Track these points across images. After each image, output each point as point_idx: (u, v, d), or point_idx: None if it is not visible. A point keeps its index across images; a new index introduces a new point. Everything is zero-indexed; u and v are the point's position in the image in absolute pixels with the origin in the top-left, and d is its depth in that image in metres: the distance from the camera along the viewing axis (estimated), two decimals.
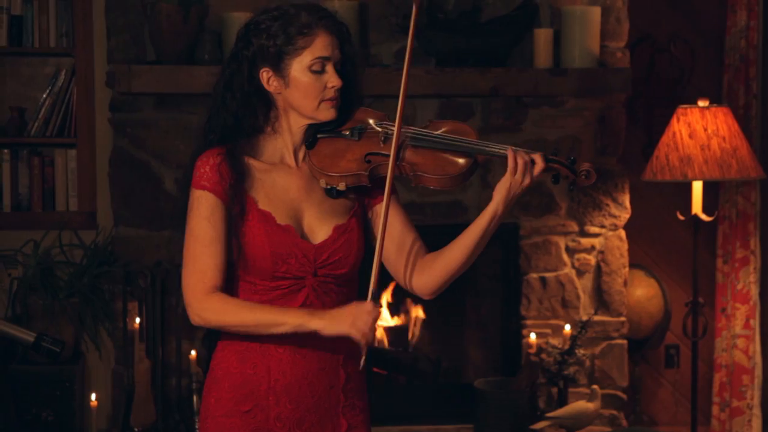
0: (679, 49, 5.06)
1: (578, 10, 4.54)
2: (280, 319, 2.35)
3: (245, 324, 2.36)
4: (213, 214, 2.38)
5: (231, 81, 2.45)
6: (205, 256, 2.37)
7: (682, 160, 4.51)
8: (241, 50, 2.44)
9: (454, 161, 2.43)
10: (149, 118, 4.42)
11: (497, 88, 4.47)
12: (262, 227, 2.40)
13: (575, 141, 4.66)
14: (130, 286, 4.38)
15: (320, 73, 2.41)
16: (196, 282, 2.36)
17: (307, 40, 2.40)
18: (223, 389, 2.45)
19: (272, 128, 2.47)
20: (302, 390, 2.45)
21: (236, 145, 2.44)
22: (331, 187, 2.45)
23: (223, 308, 2.36)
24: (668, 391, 5.11)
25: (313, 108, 2.43)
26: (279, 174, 2.46)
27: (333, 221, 2.46)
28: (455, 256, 2.45)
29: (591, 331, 4.70)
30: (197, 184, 2.40)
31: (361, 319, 2.30)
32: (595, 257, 4.72)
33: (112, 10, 4.41)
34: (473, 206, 4.62)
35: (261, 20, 2.43)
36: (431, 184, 2.44)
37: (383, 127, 2.46)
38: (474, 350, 4.91)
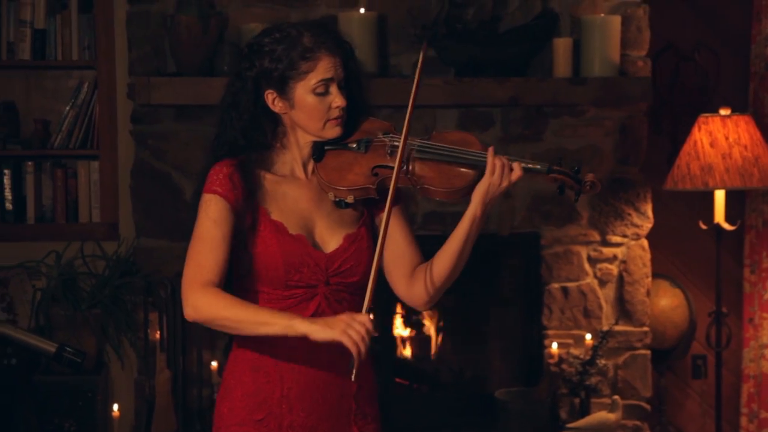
0: (704, 57, 5.03)
1: (598, 19, 4.52)
2: (270, 319, 2.35)
3: (236, 319, 2.35)
4: (220, 216, 2.41)
5: (236, 100, 2.49)
6: (206, 252, 2.39)
7: (703, 169, 4.48)
8: (245, 71, 2.48)
9: (460, 173, 2.44)
10: (170, 130, 4.45)
11: (516, 97, 4.46)
12: (274, 237, 2.43)
13: (595, 150, 4.64)
14: (151, 297, 4.41)
15: (324, 94, 2.45)
16: (193, 275, 2.38)
17: (310, 64, 2.43)
18: (236, 398, 2.48)
19: (281, 144, 2.52)
20: (315, 398, 2.47)
21: (248, 158, 2.48)
22: (340, 199, 2.48)
23: (217, 301, 2.35)
24: (696, 402, 5.07)
25: (319, 128, 2.47)
26: (289, 186, 2.50)
27: (343, 230, 2.50)
28: (443, 264, 2.49)
29: (614, 341, 4.67)
30: (209, 189, 2.44)
31: (353, 327, 2.30)
32: (618, 267, 4.70)
33: (132, 23, 4.45)
34: (494, 216, 4.61)
35: (265, 42, 2.46)
36: (437, 197, 2.47)
37: (390, 139, 2.47)
38: (496, 360, 4.89)
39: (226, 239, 2.41)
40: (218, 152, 2.49)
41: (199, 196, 2.46)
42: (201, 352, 4.45)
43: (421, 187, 2.45)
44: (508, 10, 4.57)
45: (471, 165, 2.45)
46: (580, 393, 4.57)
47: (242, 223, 2.43)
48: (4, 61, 4.57)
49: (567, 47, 4.52)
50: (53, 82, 4.66)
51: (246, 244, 2.43)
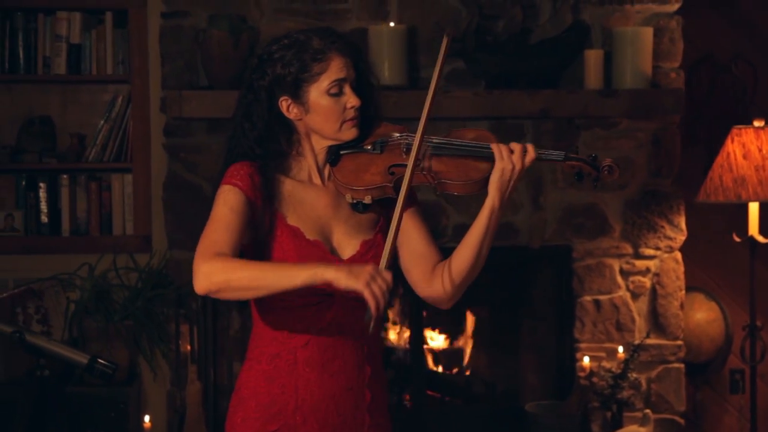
0: (740, 68, 4.99)
1: (630, 31, 4.50)
2: (292, 270, 2.28)
3: (254, 276, 2.26)
4: (237, 204, 2.37)
5: (249, 111, 2.48)
6: (220, 231, 2.34)
7: (735, 181, 4.44)
8: (257, 81, 2.48)
9: (476, 166, 2.44)
10: (202, 143, 4.49)
11: (547, 109, 4.45)
12: (291, 242, 2.43)
13: (628, 162, 4.61)
14: (182, 309, 4.44)
15: (338, 95, 2.44)
16: (204, 249, 2.32)
17: (322, 65, 2.43)
18: (251, 408, 2.48)
19: (297, 151, 2.51)
20: (329, 410, 2.46)
21: (266, 163, 2.47)
22: (357, 201, 2.47)
23: (230, 265, 2.28)
24: (734, 417, 5.00)
25: (335, 130, 2.47)
26: (307, 192, 2.49)
27: (360, 237, 2.49)
28: (463, 258, 2.45)
29: (647, 354, 4.63)
30: (228, 182, 2.41)
31: (377, 282, 2.24)
32: (651, 280, 4.66)
33: (165, 38, 4.50)
34: (525, 228, 4.60)
35: (274, 50, 2.46)
36: (455, 191, 2.45)
37: (405, 138, 2.48)
38: (529, 373, 4.87)
39: (242, 226, 2.36)
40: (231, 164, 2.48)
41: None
42: (232, 363, 4.47)
43: (439, 182, 2.44)
44: (539, 22, 4.56)
45: (487, 158, 2.44)
46: (611, 406, 4.53)
47: (259, 226, 2.42)
48: (40, 76, 4.64)
49: (598, 59, 4.50)
50: (88, 96, 4.72)
51: (263, 249, 2.42)
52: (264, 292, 2.29)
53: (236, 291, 2.29)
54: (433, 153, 2.45)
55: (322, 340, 2.45)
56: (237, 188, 2.40)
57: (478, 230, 2.44)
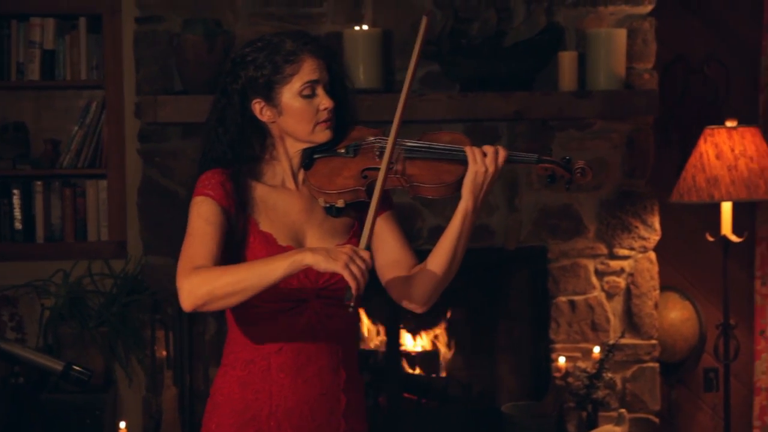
0: (713, 69, 5.02)
1: (603, 32, 4.52)
2: (272, 264, 2.27)
3: (237, 281, 2.25)
4: (212, 215, 2.38)
5: (223, 115, 2.48)
6: (197, 245, 2.35)
7: (708, 181, 4.47)
8: (229, 84, 2.48)
9: (449, 169, 2.44)
10: (177, 148, 4.48)
11: (521, 111, 4.46)
12: (263, 248, 2.42)
13: (602, 163, 4.64)
14: (158, 314, 4.43)
15: (311, 96, 2.44)
16: (184, 265, 2.33)
17: (294, 66, 2.43)
18: (225, 415, 2.48)
19: (270, 155, 2.50)
20: (304, 415, 2.46)
21: (238, 169, 2.47)
22: (330, 205, 2.47)
23: (209, 274, 2.29)
24: (708, 415, 5.04)
25: (308, 132, 2.46)
26: (280, 197, 2.49)
27: (334, 242, 2.48)
28: (438, 262, 2.44)
29: (621, 354, 4.66)
30: (200, 192, 2.42)
31: (355, 262, 2.23)
32: (625, 280, 4.69)
33: (140, 43, 4.48)
34: (500, 230, 4.61)
35: (247, 53, 2.47)
36: (428, 194, 2.46)
37: (378, 141, 2.48)
38: (505, 374, 4.89)
39: (219, 236, 2.37)
40: (205, 169, 2.48)
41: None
42: (208, 368, 4.47)
43: (411, 185, 2.44)
44: (513, 24, 4.58)
45: (460, 161, 2.44)
46: (587, 406, 4.56)
47: (233, 233, 2.42)
48: (14, 82, 4.62)
49: (572, 61, 4.52)
50: (62, 102, 4.70)
51: (236, 255, 2.42)
52: (250, 293, 2.28)
53: (222, 299, 2.29)
54: (405, 156, 2.45)
55: (296, 346, 2.45)
56: (210, 198, 2.40)
57: (452, 234, 2.43)
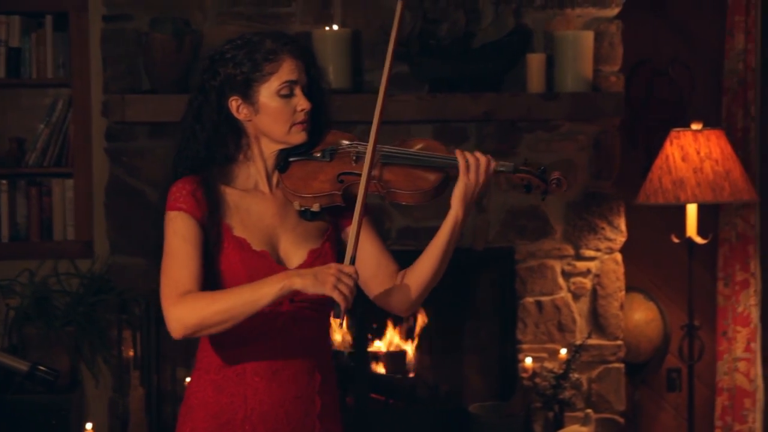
0: (678, 72, 5.06)
1: (571, 34, 4.55)
2: (260, 291, 2.29)
3: (226, 309, 2.29)
4: (189, 232, 2.38)
5: (200, 112, 2.46)
6: (179, 267, 2.36)
7: (674, 183, 4.51)
8: (207, 81, 2.46)
9: (426, 176, 2.45)
10: (144, 147, 4.46)
11: (490, 113, 4.48)
12: (237, 254, 2.41)
13: (570, 165, 4.67)
14: (125, 314, 4.41)
15: (289, 97, 2.43)
16: (169, 291, 2.34)
17: (273, 65, 2.42)
18: (199, 419, 2.46)
19: (244, 156, 2.49)
20: (279, 418, 2.45)
21: (210, 174, 2.45)
22: (305, 209, 2.46)
23: (198, 303, 2.31)
24: (670, 415, 5.08)
25: (284, 132, 2.45)
26: (253, 200, 2.48)
27: (308, 246, 2.48)
28: (425, 268, 2.47)
29: (587, 354, 4.69)
30: (173, 207, 2.40)
31: (343, 281, 2.26)
32: (591, 281, 4.72)
33: (107, 41, 4.46)
34: (468, 230, 4.63)
35: (226, 50, 2.45)
36: (404, 200, 2.47)
37: (355, 146, 2.48)
38: (471, 375, 4.91)
39: (198, 253, 2.38)
40: (179, 167, 2.47)
41: (162, 213, 2.44)
42: (175, 369, 4.45)
43: (388, 191, 2.45)
44: (482, 26, 4.59)
45: (437, 168, 2.46)
46: (553, 407, 4.58)
47: (208, 239, 2.42)
48: None
49: (540, 63, 4.55)
50: (28, 100, 4.67)
51: (210, 261, 2.41)
52: (240, 319, 2.31)
53: (212, 327, 2.32)
54: (383, 162, 2.45)
55: (271, 349, 2.44)
56: (183, 212, 2.39)
57: (441, 242, 2.45)
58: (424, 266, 2.47)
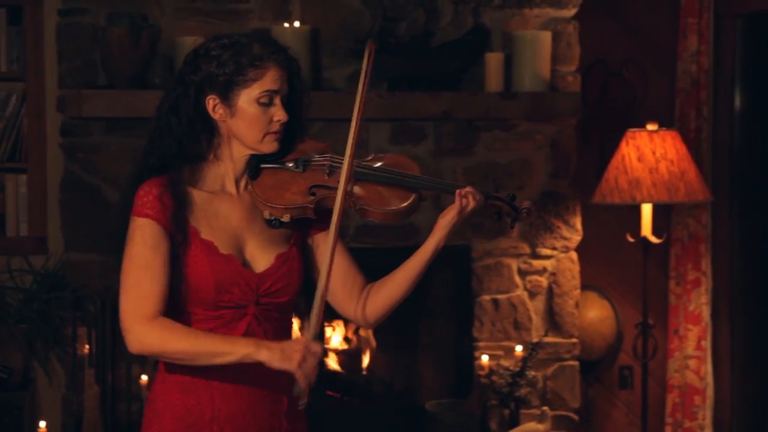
0: (631, 73, 5.11)
1: (529, 34, 4.58)
2: (226, 348, 2.33)
3: (189, 352, 2.33)
4: (157, 241, 2.37)
5: (177, 105, 2.44)
6: (147, 281, 2.35)
7: (630, 183, 4.56)
8: (188, 74, 2.44)
9: (399, 196, 2.46)
10: (100, 143, 4.41)
11: (448, 111, 4.50)
12: (205, 257, 2.40)
13: (526, 164, 4.69)
14: (80, 312, 4.36)
15: (268, 106, 2.42)
16: (136, 308, 2.34)
17: (257, 72, 2.40)
18: (166, 421, 2.44)
19: (215, 155, 2.47)
20: (246, 419, 2.45)
21: (178, 174, 2.44)
22: (275, 218, 2.45)
23: (168, 335, 2.33)
24: (622, 412, 5.14)
25: (256, 140, 2.44)
26: (220, 203, 2.46)
27: (275, 250, 2.47)
28: (400, 285, 2.51)
29: (543, 352, 4.72)
30: (140, 213, 2.38)
31: (309, 360, 2.31)
32: (547, 279, 4.75)
33: (63, 36, 4.40)
34: (426, 229, 4.61)
35: (212, 47, 2.43)
36: (375, 218, 2.48)
37: (328, 159, 2.47)
38: (428, 372, 4.92)
39: (166, 264, 2.37)
40: (150, 157, 2.45)
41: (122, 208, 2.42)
42: (130, 366, 4.41)
43: (360, 207, 2.45)
44: (441, 25, 4.60)
45: (410, 188, 2.47)
46: (509, 404, 4.61)
47: (173, 243, 2.40)
48: None
49: (498, 62, 4.57)
50: None
51: (177, 262, 2.39)
52: (199, 364, 2.36)
53: (170, 359, 2.38)
54: (356, 178, 2.45)
55: None
56: (149, 220, 2.37)
57: (418, 265, 2.50)
58: (397, 285, 2.51)
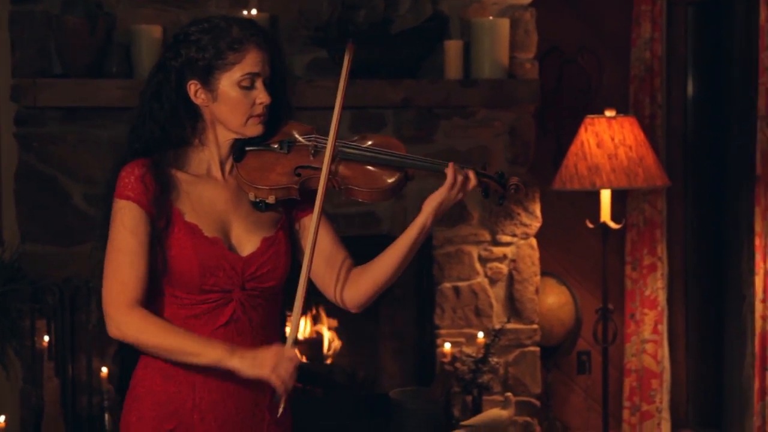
0: (586, 60, 5.14)
1: (487, 21, 4.59)
2: (199, 349, 2.34)
3: (163, 347, 2.34)
4: (137, 225, 2.36)
5: (159, 91, 2.42)
6: (127, 266, 2.34)
7: (590, 169, 4.59)
8: (169, 60, 2.42)
9: (385, 175, 2.45)
10: (56, 133, 4.35)
11: (408, 99, 4.49)
12: (189, 240, 2.38)
13: (486, 151, 4.71)
14: (38, 304, 4.30)
15: (249, 89, 2.40)
16: (118, 293, 2.34)
17: (238, 55, 2.39)
18: (146, 407, 2.43)
19: (199, 140, 2.46)
20: (228, 407, 2.43)
21: (162, 157, 2.42)
22: (260, 200, 2.44)
23: (145, 326, 2.33)
24: (580, 397, 5.18)
25: (240, 123, 2.42)
26: (206, 186, 2.45)
27: (261, 233, 2.46)
28: (384, 268, 2.48)
29: (504, 339, 4.74)
30: (121, 195, 2.37)
31: (283, 365, 2.30)
32: (507, 266, 4.77)
33: (16, 23, 4.33)
34: (386, 217, 4.64)
35: (191, 32, 2.41)
36: (361, 197, 2.46)
37: (313, 140, 2.46)
38: (390, 360, 4.92)
39: (145, 248, 2.36)
40: (133, 145, 2.43)
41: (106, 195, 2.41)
42: (91, 359, 4.35)
43: (345, 187, 2.44)
44: (399, 12, 4.59)
45: (396, 167, 2.46)
46: (472, 391, 4.63)
47: (156, 225, 2.38)
48: None
49: (457, 49, 4.57)
50: None
51: (159, 246, 2.38)
52: (173, 359, 2.37)
53: (146, 350, 2.39)
54: (342, 158, 2.44)
55: (221, 337, 2.41)
56: (131, 203, 2.36)
57: (405, 244, 2.47)
58: (384, 267, 2.48)
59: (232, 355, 2.32)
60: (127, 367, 3.70)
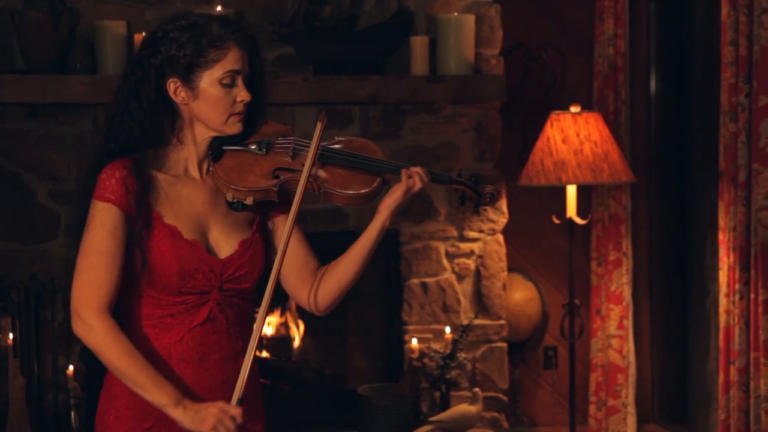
0: (550, 56, 5.17)
1: (453, 18, 4.60)
2: (151, 387, 2.33)
3: (118, 369, 2.34)
4: (115, 228, 2.35)
5: (137, 89, 2.40)
6: (103, 268, 2.33)
7: (556, 165, 4.60)
8: (147, 58, 2.40)
9: (363, 179, 2.45)
10: (20, 129, 4.32)
11: (375, 95, 4.49)
12: (168, 242, 2.37)
13: (452, 147, 4.72)
14: (2, 301, 4.26)
15: (230, 86, 2.40)
16: (90, 295, 2.32)
17: (219, 53, 2.38)
18: (123, 406, 2.42)
19: (177, 138, 2.45)
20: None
21: (142, 157, 2.40)
22: (238, 201, 2.43)
23: (109, 342, 2.32)
24: (547, 392, 5.20)
25: (221, 122, 2.41)
26: (184, 187, 2.44)
27: (238, 235, 2.46)
28: (347, 270, 2.48)
29: (472, 334, 4.76)
30: (101, 197, 2.36)
31: (224, 424, 2.31)
32: (475, 262, 4.78)
33: None
34: (353, 214, 4.63)
35: (170, 29, 2.39)
36: (339, 201, 2.47)
37: (291, 142, 2.46)
38: (357, 357, 4.92)
39: (122, 252, 2.35)
40: (111, 144, 2.41)
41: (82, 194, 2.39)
42: (56, 357, 4.32)
43: (324, 191, 2.44)
44: (365, 8, 4.59)
45: (374, 172, 2.46)
46: (440, 387, 4.63)
47: (135, 227, 2.37)
48: None
49: (423, 45, 4.57)
50: None
51: (138, 248, 2.37)
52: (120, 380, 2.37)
53: (100, 359, 2.37)
54: (321, 161, 2.44)
55: (197, 336, 2.42)
56: (111, 204, 2.35)
57: (365, 246, 2.47)
58: (344, 269, 2.48)
59: (177, 405, 2.32)
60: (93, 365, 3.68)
